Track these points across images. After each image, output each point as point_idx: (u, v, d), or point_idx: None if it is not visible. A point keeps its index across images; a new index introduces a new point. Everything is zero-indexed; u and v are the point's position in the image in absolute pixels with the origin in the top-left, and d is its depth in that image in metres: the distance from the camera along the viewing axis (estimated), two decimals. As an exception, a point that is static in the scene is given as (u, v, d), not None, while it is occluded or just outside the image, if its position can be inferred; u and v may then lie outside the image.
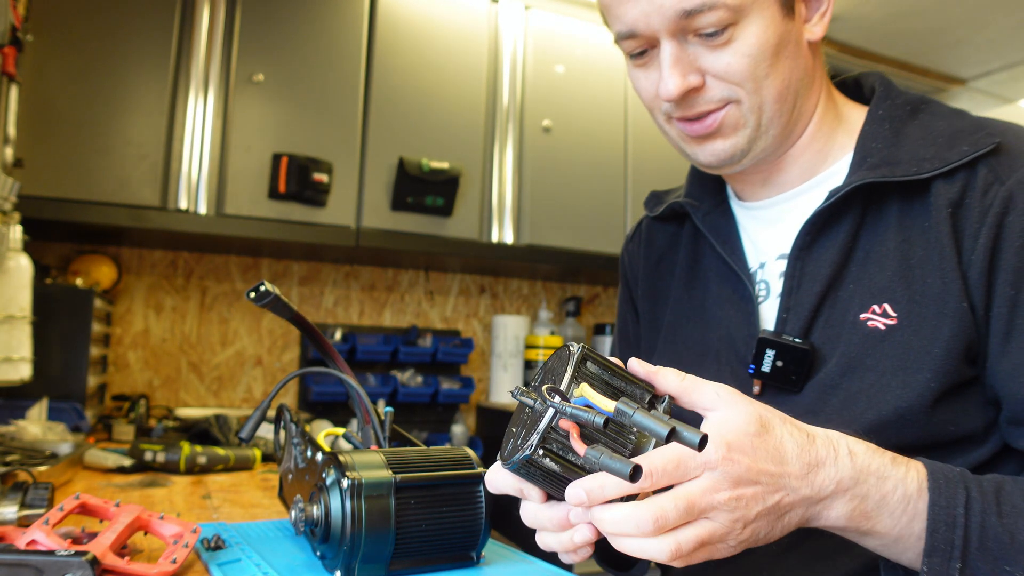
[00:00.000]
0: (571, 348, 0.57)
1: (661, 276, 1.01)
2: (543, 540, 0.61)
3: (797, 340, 0.78)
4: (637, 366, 0.59)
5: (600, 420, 0.50)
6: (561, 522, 0.58)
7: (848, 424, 0.74)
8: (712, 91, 0.77)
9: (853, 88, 0.91)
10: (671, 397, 0.59)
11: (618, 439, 0.55)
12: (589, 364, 0.57)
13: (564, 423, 0.53)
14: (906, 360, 0.73)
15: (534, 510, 0.60)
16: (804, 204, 0.85)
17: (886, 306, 0.75)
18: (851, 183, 0.76)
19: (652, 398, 0.58)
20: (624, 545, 0.55)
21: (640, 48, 0.80)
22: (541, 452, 0.54)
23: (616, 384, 0.57)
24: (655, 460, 0.53)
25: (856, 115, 0.86)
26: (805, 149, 0.84)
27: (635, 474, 0.48)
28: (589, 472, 0.55)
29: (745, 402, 0.57)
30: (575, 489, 0.54)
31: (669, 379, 0.58)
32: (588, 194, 2.49)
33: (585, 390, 0.53)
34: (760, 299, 0.86)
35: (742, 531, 0.55)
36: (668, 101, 0.78)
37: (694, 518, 0.54)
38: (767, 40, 0.75)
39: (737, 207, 0.92)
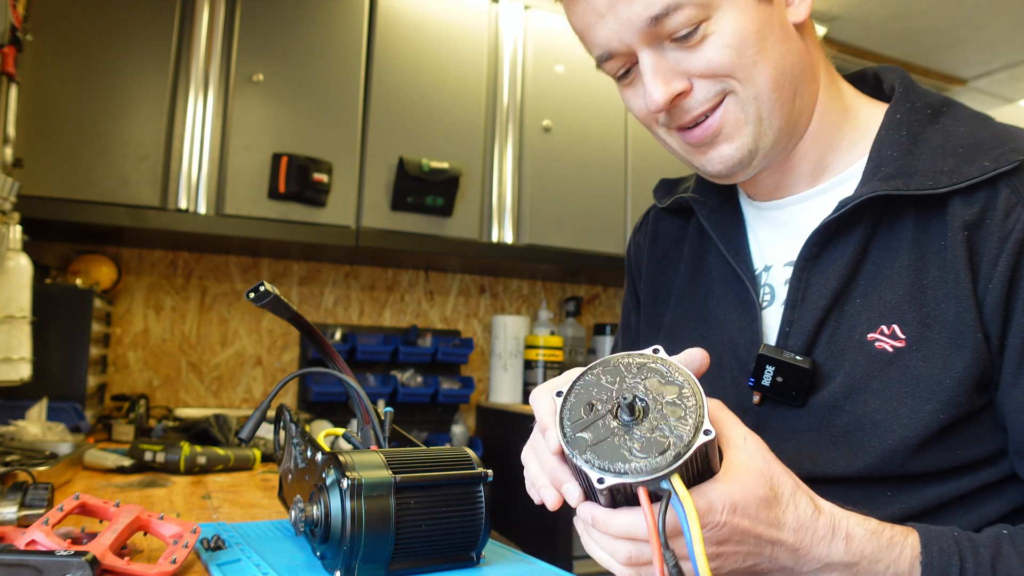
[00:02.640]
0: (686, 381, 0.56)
1: (664, 271, 0.98)
2: (534, 474, 0.64)
3: (798, 358, 0.75)
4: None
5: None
6: (554, 476, 0.61)
7: (855, 453, 0.72)
8: (701, 91, 0.74)
9: (873, 84, 0.87)
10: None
11: None
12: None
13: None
14: (915, 387, 0.70)
15: (540, 462, 0.63)
16: (815, 208, 0.81)
17: (895, 327, 0.72)
18: (862, 195, 0.73)
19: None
20: (591, 551, 0.60)
21: (623, 67, 0.78)
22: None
23: None
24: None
25: (868, 111, 0.82)
26: (813, 142, 0.80)
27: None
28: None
29: (764, 460, 0.58)
30: (585, 510, 0.58)
31: (709, 404, 0.58)
32: (588, 194, 2.49)
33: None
34: (764, 304, 0.83)
35: None
36: (656, 111, 0.75)
37: None
38: (745, 27, 0.71)
39: (746, 205, 0.89)
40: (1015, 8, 2.60)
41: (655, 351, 0.57)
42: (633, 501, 0.55)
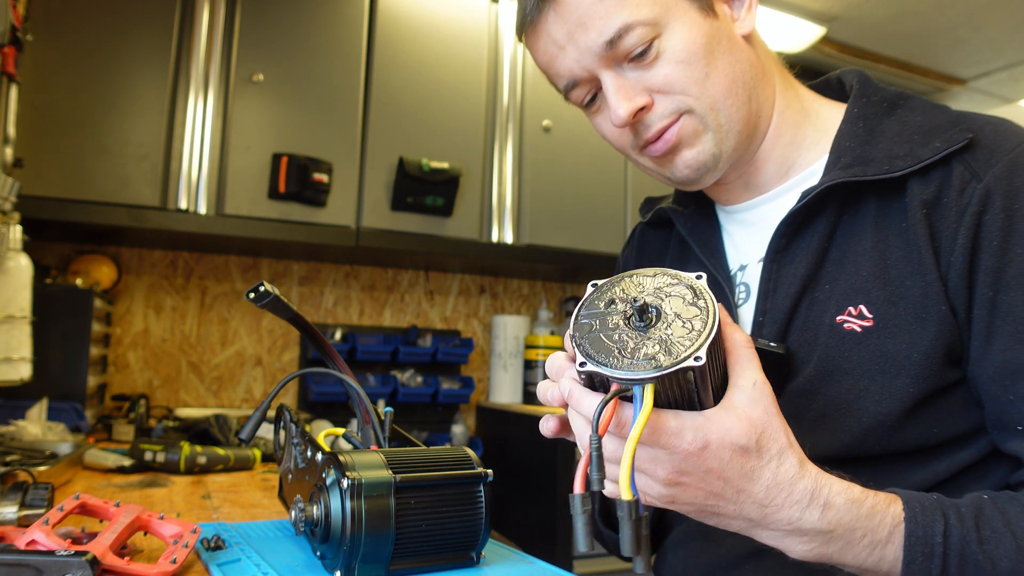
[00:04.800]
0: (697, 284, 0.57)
1: None
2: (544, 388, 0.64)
3: (772, 344, 0.77)
4: (720, 314, 0.58)
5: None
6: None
7: (832, 434, 0.73)
8: (661, 106, 0.78)
9: (836, 87, 0.91)
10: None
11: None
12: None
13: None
14: (884, 364, 0.71)
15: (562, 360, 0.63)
16: (783, 205, 0.84)
17: (862, 307, 0.74)
18: (823, 184, 0.76)
19: None
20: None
21: (589, 94, 0.82)
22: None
23: None
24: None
25: (829, 111, 0.86)
26: (776, 142, 0.84)
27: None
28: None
29: (764, 411, 0.57)
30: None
31: (737, 339, 0.59)
32: (588, 194, 2.49)
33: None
34: (740, 302, 0.85)
35: (665, 500, 0.59)
36: (621, 127, 0.78)
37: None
38: (694, 42, 0.76)
39: (720, 211, 0.92)
40: (1015, 8, 2.60)
41: (699, 277, 0.58)
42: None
